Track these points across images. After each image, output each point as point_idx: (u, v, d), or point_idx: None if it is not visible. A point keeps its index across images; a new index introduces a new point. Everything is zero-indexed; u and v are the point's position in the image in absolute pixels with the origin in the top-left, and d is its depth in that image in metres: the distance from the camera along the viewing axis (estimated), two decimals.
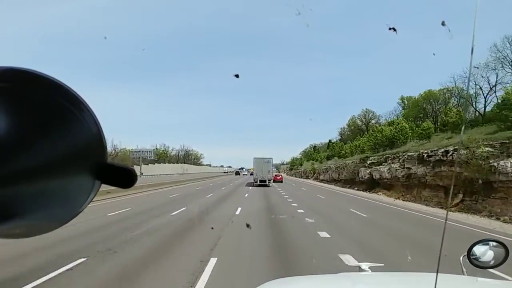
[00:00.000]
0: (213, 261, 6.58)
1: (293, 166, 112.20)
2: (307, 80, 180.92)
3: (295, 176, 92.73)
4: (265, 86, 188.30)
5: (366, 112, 76.27)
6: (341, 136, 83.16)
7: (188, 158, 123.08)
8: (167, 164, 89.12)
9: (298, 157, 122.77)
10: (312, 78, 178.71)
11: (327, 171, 54.51)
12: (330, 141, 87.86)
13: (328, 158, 67.64)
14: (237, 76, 3.69)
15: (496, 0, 48.59)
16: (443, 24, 1.33)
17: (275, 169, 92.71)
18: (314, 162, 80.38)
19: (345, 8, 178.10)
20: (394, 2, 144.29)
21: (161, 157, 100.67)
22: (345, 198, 25.39)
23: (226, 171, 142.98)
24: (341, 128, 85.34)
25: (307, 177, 73.51)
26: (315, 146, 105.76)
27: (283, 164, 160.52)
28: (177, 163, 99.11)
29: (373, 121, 72.52)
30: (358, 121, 76.14)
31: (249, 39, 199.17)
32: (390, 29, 2.07)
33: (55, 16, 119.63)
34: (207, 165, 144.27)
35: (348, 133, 79.92)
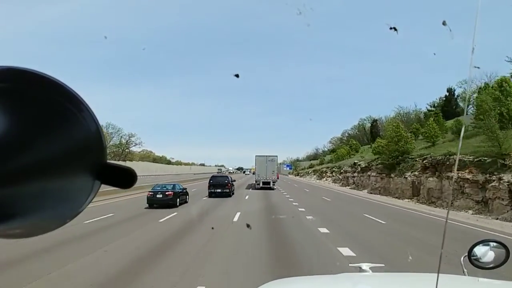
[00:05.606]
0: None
1: (388, 150, 29.58)
2: (308, 79, 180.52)
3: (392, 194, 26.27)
4: (263, 86, 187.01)
5: None
6: (448, 95, 41.20)
7: None
8: None
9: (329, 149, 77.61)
10: (312, 77, 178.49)
11: None
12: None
13: None
14: (237, 75, 3.67)
15: (497, 1, 48.36)
16: (444, 23, 1.32)
17: (289, 169, 74.92)
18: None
19: (345, 8, 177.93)
20: (395, 2, 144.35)
21: None
22: None
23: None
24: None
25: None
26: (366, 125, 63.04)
27: (298, 160, 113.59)
28: None
29: None
30: None
31: (249, 38, 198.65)
32: (391, 28, 2.06)
33: (54, 15, 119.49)
34: (184, 162, 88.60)
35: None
